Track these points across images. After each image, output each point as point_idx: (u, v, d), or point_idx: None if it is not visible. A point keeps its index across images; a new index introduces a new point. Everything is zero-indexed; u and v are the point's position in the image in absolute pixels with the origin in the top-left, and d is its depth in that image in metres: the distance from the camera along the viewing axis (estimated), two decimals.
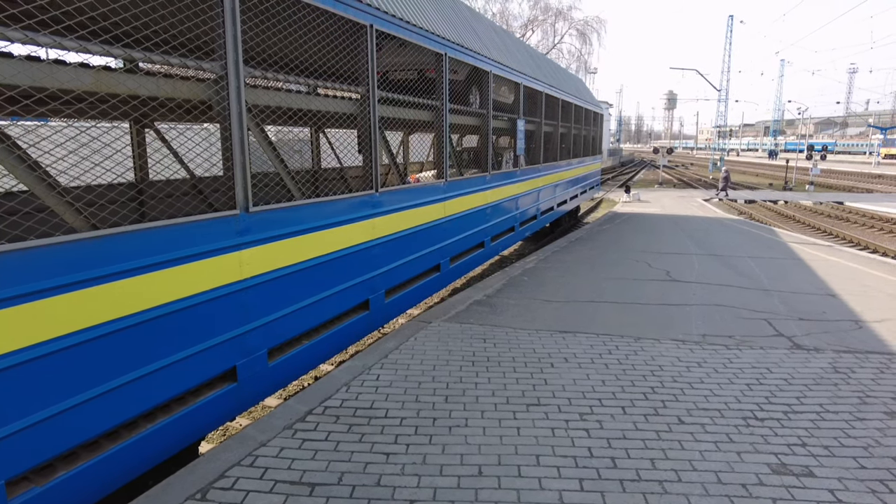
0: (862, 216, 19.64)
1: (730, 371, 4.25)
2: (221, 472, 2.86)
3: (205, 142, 4.89)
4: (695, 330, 5.26)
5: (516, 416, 3.48)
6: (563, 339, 4.92)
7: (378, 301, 4.94)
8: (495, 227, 8.14)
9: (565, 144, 12.94)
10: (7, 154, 2.41)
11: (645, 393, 3.84)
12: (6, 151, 2.42)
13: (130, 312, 2.71)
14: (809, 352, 4.70)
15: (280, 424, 3.38)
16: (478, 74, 7.49)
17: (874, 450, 3.13)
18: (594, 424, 3.38)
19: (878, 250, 14.10)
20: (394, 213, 5.14)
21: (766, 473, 2.90)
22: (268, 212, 3.57)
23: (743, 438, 3.26)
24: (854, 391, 3.90)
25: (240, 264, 3.37)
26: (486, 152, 7.77)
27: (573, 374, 4.13)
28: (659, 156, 33.49)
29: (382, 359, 4.45)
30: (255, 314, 3.52)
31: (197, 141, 4.08)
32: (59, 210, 2.61)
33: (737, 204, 23.37)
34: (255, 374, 3.56)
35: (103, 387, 2.62)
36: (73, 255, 2.45)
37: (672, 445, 3.17)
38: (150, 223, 2.79)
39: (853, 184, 35.01)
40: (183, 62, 3.10)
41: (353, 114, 4.75)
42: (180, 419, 3.04)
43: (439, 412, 3.53)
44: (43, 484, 2.46)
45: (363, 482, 2.78)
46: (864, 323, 5.52)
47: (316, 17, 3.97)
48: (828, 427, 3.39)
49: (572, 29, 37.45)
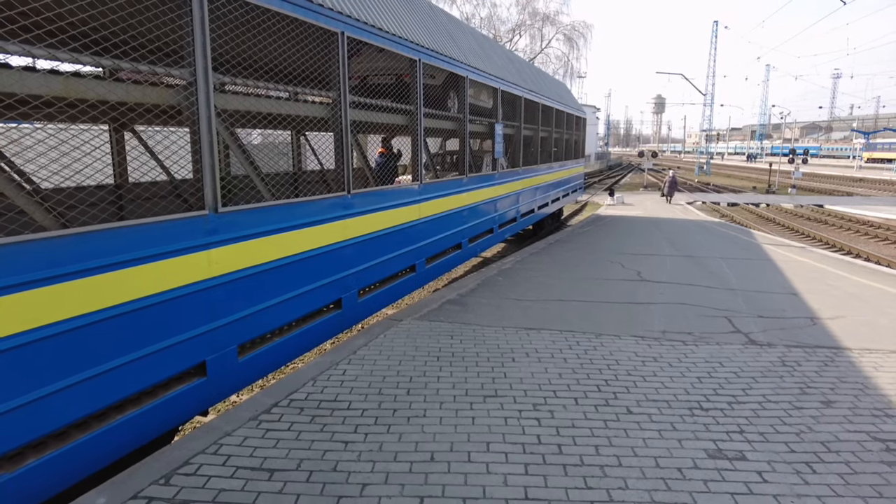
0: (840, 219, 20.07)
1: (683, 365, 4.45)
2: (186, 460, 3.00)
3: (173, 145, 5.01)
4: (656, 327, 5.46)
5: (473, 407, 3.65)
6: (528, 336, 5.10)
7: (351, 300, 5.09)
8: (473, 228, 8.31)
9: (546, 148, 13.16)
10: None
11: (598, 385, 4.03)
12: None
13: (102, 307, 2.83)
14: (762, 347, 4.91)
15: (246, 416, 3.52)
16: (454, 80, 7.67)
17: (805, 435, 3.33)
18: (546, 414, 3.56)
19: (851, 252, 14.45)
20: (367, 214, 5.29)
21: (701, 458, 3.09)
22: (237, 212, 3.71)
23: (686, 427, 3.45)
24: (797, 383, 4.11)
25: (208, 262, 3.51)
26: (464, 155, 7.95)
27: (532, 368, 4.31)
28: (644, 159, 33.86)
29: (351, 355, 4.60)
30: (224, 311, 3.65)
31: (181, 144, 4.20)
32: (29, 210, 2.75)
33: (719, 207, 23.75)
34: (225, 369, 3.69)
35: (74, 377, 2.74)
36: (45, 252, 2.58)
37: (618, 434, 3.35)
38: (120, 222, 2.93)
39: (835, 187, 35.64)
40: (152, 69, 3.25)
41: (325, 118, 4.90)
42: (150, 411, 3.16)
43: (400, 404, 3.69)
44: (13, 470, 2.58)
45: (320, 468, 2.93)
46: (819, 320, 5.76)
47: (286, 24, 4.12)
48: (766, 416, 3.59)
49: (559, 34, 37.88)
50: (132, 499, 2.65)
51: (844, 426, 3.46)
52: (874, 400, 3.85)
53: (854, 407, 3.73)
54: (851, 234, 17.67)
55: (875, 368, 4.43)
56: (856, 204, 23.54)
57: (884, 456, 3.11)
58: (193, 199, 3.56)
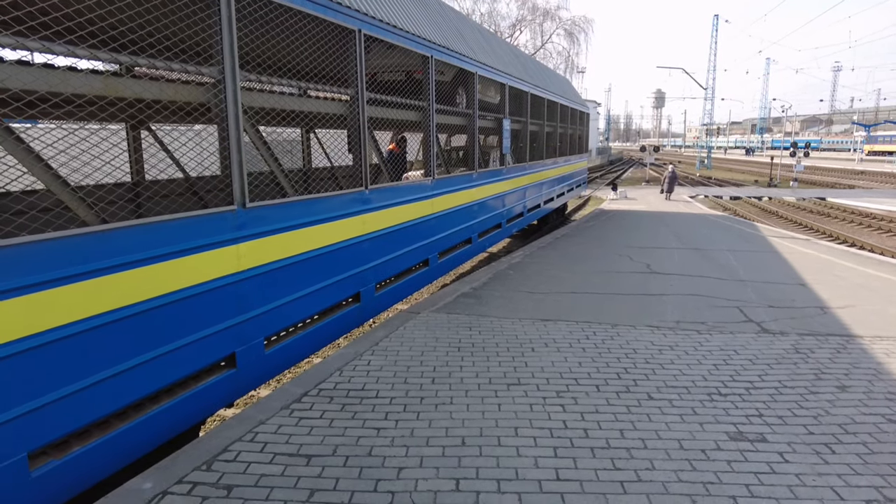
0: (842, 211, 20.14)
1: (699, 353, 4.54)
2: (224, 447, 3.10)
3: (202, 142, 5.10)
4: (669, 317, 5.55)
5: (497, 395, 3.74)
6: (545, 327, 5.19)
7: (368, 294, 5.18)
8: (482, 223, 8.40)
9: (551, 143, 13.24)
10: (27, 153, 2.63)
11: (618, 373, 4.12)
12: (25, 151, 2.64)
13: (136, 301, 2.92)
14: (775, 335, 5.00)
15: (277, 405, 3.62)
16: (464, 76, 7.76)
17: (823, 418, 3.42)
18: (570, 401, 3.65)
19: (855, 243, 14.53)
20: (383, 209, 5.38)
21: (724, 440, 3.18)
22: (263, 207, 3.80)
23: (706, 411, 3.54)
24: (811, 369, 4.20)
25: (238, 257, 3.60)
26: (473, 151, 8.03)
27: (552, 357, 4.40)
28: (646, 154, 33.91)
29: (373, 346, 4.69)
30: (253, 304, 3.75)
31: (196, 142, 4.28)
32: (73, 206, 2.83)
33: (722, 200, 23.82)
34: (253, 361, 3.79)
35: (112, 370, 2.83)
36: (91, 246, 2.67)
37: (640, 418, 3.44)
38: (155, 217, 3.01)
39: (836, 180, 35.69)
40: (183, 67, 3.33)
41: (343, 114, 4.98)
42: (183, 401, 3.25)
43: (426, 392, 3.79)
44: (60, 457, 2.68)
45: (356, 453, 3.03)
46: (829, 309, 5.84)
47: (307, 23, 4.21)
48: (784, 400, 3.68)
49: (560, 29, 37.90)
50: (177, 483, 2.75)
51: (860, 409, 3.55)
52: (888, 384, 3.94)
53: (869, 391, 3.83)
54: (855, 227, 17.74)
55: (887, 355, 4.52)
56: (858, 196, 23.60)
57: None
58: (222, 195, 3.64)
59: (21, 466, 2.43)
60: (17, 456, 2.42)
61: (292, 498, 2.63)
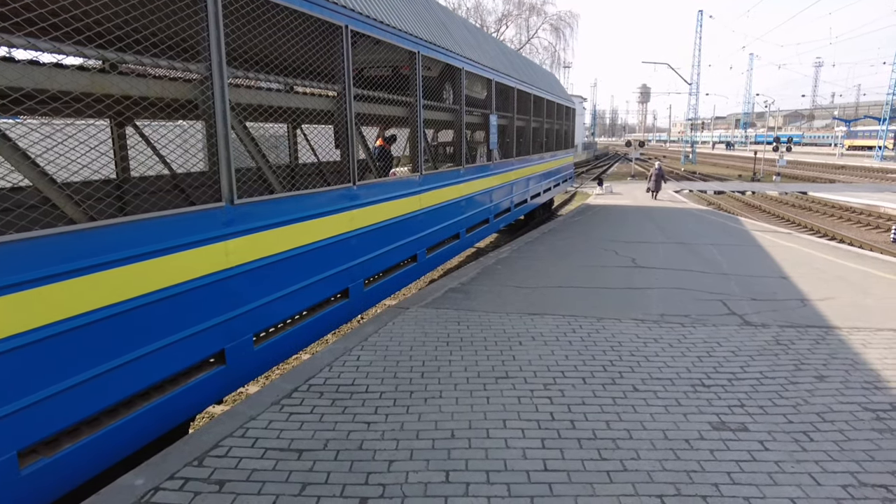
0: (823, 205, 20.50)
1: (683, 346, 4.63)
2: (215, 443, 3.11)
3: (190, 139, 5.07)
4: (654, 310, 5.65)
5: (486, 388, 3.79)
6: (532, 321, 5.26)
7: (357, 289, 5.21)
8: (470, 218, 8.45)
9: (538, 139, 13.31)
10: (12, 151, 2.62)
11: (604, 365, 4.20)
12: (11, 148, 2.63)
13: (125, 298, 2.92)
14: (757, 327, 5.12)
15: (268, 401, 3.64)
16: (451, 71, 7.77)
17: (802, 407, 3.52)
18: (556, 393, 3.72)
19: (835, 237, 14.82)
20: (371, 205, 5.40)
21: (706, 430, 3.27)
22: (251, 204, 3.81)
23: (690, 402, 3.63)
24: (791, 360, 4.32)
25: (226, 253, 3.61)
26: (460, 147, 8.06)
27: (539, 351, 4.47)
28: (631, 149, 34.19)
29: (362, 342, 4.72)
30: (242, 300, 3.76)
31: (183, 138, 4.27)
32: (60, 203, 2.82)
33: (706, 195, 24.11)
34: (242, 358, 3.80)
35: (101, 367, 2.83)
36: (71, 245, 2.66)
37: (626, 410, 3.52)
38: (144, 214, 3.01)
39: (818, 174, 36.25)
40: (170, 64, 3.32)
41: (330, 110, 4.98)
42: (173, 398, 3.26)
43: (416, 386, 3.83)
44: (51, 455, 2.68)
45: (346, 447, 3.06)
46: (809, 301, 5.99)
47: (294, 18, 4.20)
48: (765, 390, 3.78)
49: (546, 24, 37.98)
50: (169, 479, 2.76)
51: (837, 398, 3.67)
52: (864, 374, 4.06)
53: (846, 381, 3.94)
54: (835, 220, 18.08)
55: (864, 345, 4.65)
56: (839, 191, 24.02)
57: (875, 424, 3.31)
58: (210, 192, 3.64)
59: (11, 465, 2.43)
60: (7, 454, 2.42)
61: (284, 492, 2.66)
